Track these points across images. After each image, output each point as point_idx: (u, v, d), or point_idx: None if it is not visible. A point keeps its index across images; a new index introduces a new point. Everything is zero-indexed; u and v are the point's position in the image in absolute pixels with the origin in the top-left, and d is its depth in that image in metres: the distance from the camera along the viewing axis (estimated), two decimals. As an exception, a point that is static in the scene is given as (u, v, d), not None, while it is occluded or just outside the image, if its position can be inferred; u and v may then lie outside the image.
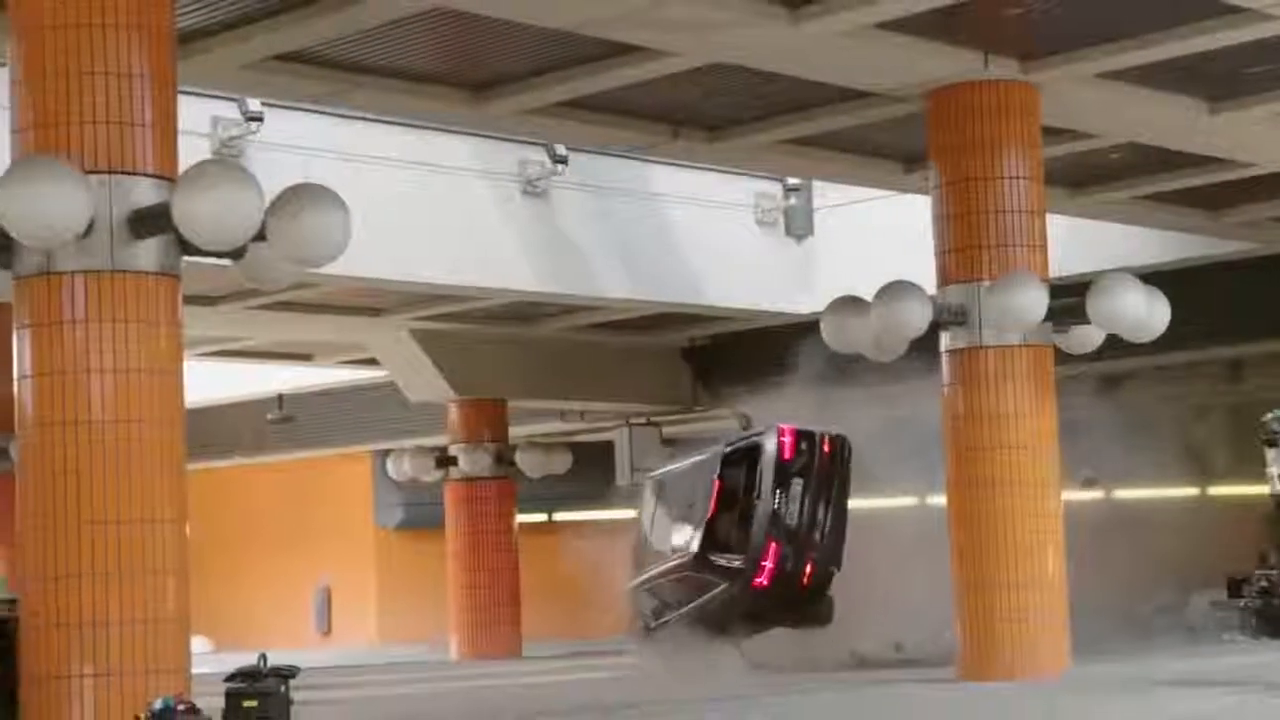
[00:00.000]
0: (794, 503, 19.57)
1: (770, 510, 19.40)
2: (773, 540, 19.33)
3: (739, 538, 19.45)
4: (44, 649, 11.96)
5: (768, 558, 19.24)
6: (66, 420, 12.06)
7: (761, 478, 19.34)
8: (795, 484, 19.67)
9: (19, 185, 11.81)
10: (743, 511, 19.41)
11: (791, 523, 19.47)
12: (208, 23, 15.17)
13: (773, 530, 19.36)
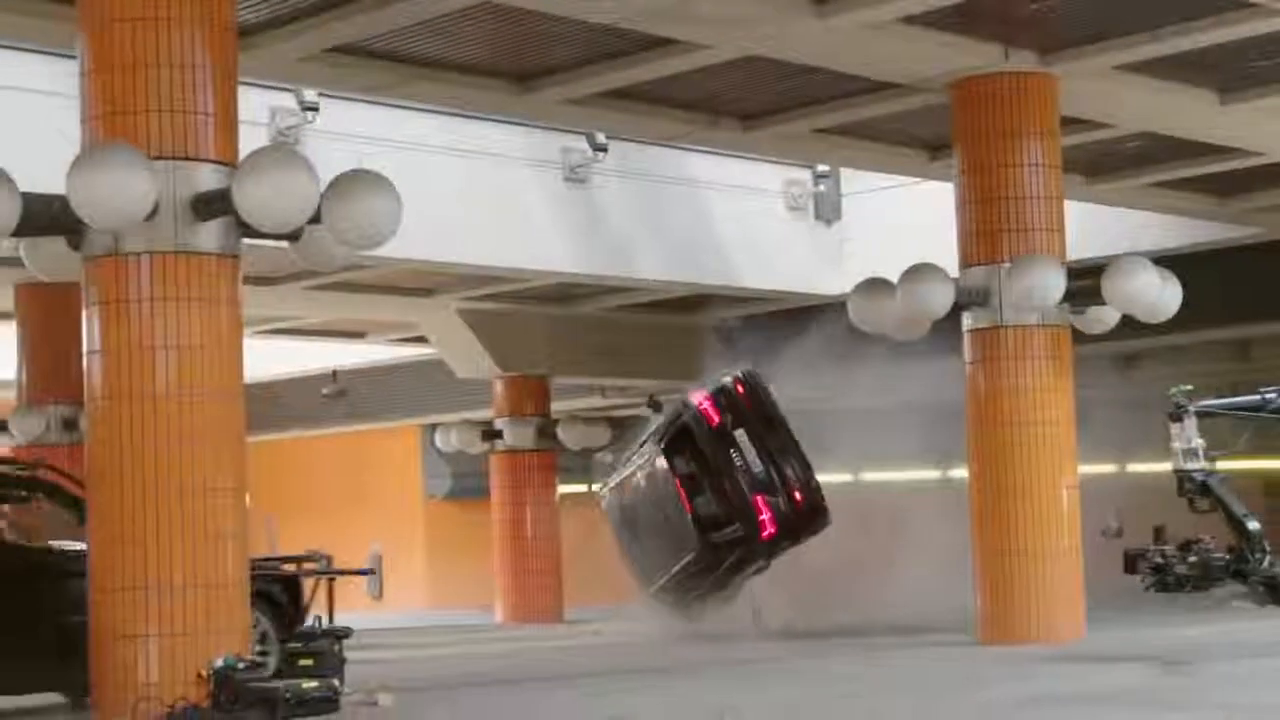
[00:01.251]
0: (749, 452, 19.31)
1: (735, 473, 19.14)
2: (754, 494, 19.14)
3: (725, 509, 19.22)
4: (114, 610, 12.03)
5: (761, 511, 19.09)
6: (133, 394, 12.11)
7: (708, 451, 19.00)
8: (738, 437, 19.41)
9: (89, 171, 11.87)
10: (713, 487, 19.15)
11: (758, 470, 19.21)
12: (267, 17, 15.20)
13: (749, 486, 19.15)
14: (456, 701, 13.14)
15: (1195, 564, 14.03)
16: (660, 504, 19.07)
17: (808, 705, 12.11)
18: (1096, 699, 11.92)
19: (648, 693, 13.55)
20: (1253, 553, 13.87)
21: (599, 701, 12.75)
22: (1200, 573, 14.06)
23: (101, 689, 12.08)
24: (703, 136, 19.79)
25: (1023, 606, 16.62)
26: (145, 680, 11.79)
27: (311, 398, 33.34)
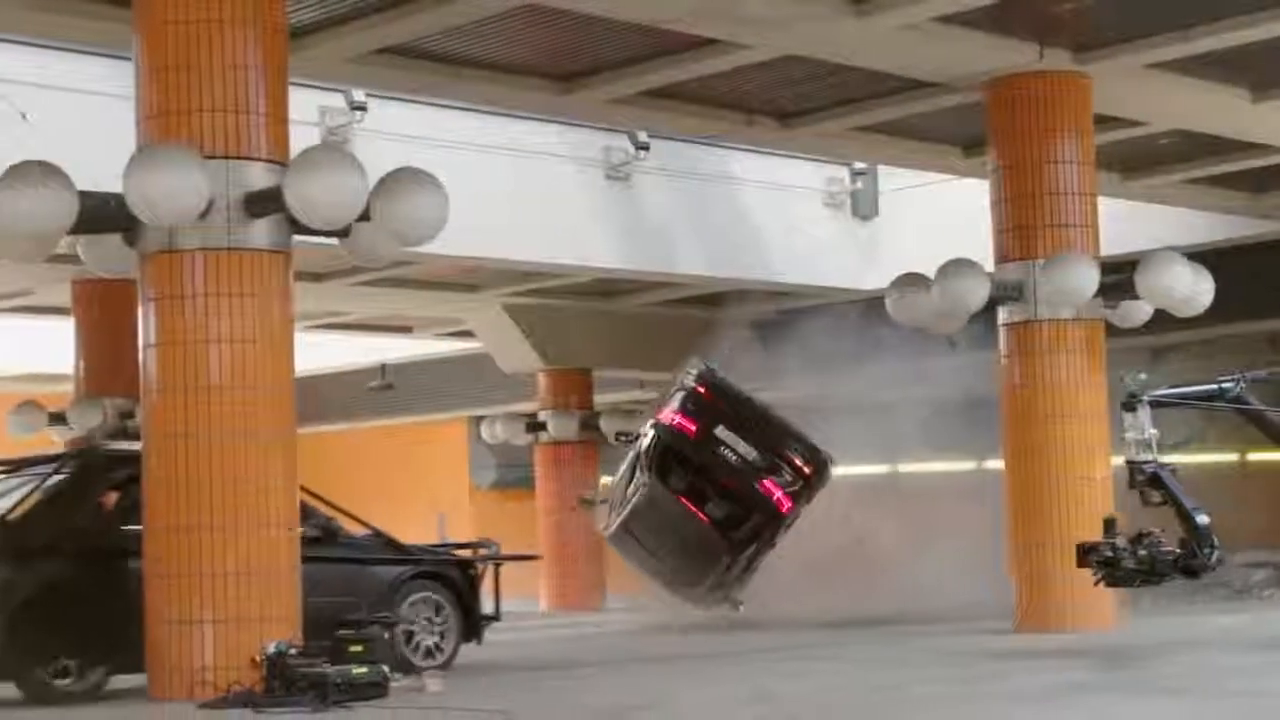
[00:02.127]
0: (737, 444, 19.04)
1: (732, 469, 18.88)
2: (759, 481, 18.95)
3: (738, 505, 18.90)
4: (170, 596, 12.08)
5: (772, 493, 18.93)
6: (187, 386, 12.17)
7: (697, 460, 18.48)
8: (721, 434, 19.18)
9: (144, 170, 11.92)
10: (718, 490, 18.82)
11: (754, 457, 18.99)
12: (317, 19, 15.23)
13: (751, 475, 18.97)
14: (512, 683, 13.16)
15: (1144, 558, 13.42)
16: (675, 526, 18.54)
17: (851, 691, 12.08)
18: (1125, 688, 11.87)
19: (692, 676, 13.54)
20: (1201, 547, 13.22)
21: (632, 684, 12.75)
22: (1148, 567, 13.42)
23: (158, 673, 12.13)
24: (742, 134, 19.76)
25: (1057, 596, 16.55)
26: (200, 665, 11.87)
27: (360, 391, 33.42)
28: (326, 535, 14.20)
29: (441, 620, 14.72)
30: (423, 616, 14.61)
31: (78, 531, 13.13)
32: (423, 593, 14.70)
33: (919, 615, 18.75)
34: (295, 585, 12.37)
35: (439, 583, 14.87)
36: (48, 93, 17.37)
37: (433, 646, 14.59)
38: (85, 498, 13.66)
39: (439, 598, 14.75)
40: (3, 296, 25.37)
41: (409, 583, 14.65)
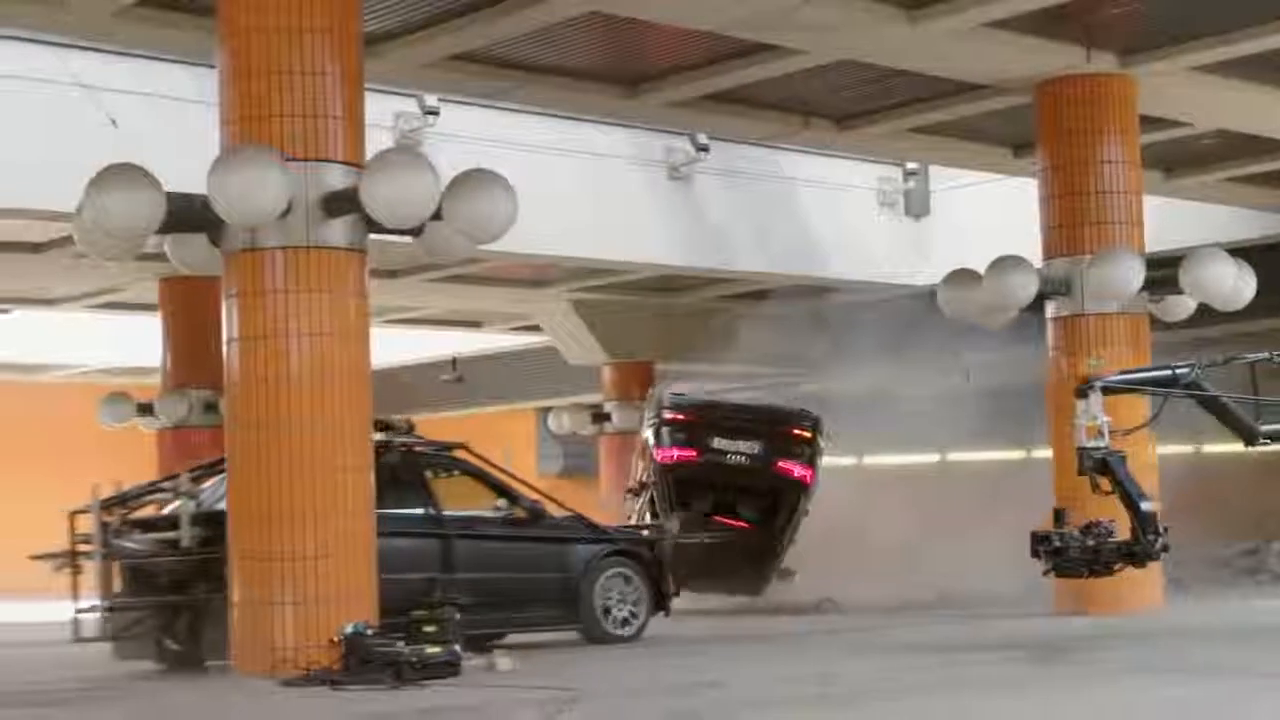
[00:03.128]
0: (738, 445, 19.00)
1: (748, 469, 18.80)
2: (774, 466, 18.86)
3: (768, 497, 18.80)
4: (252, 579, 12.15)
5: (791, 471, 18.84)
6: (268, 379, 12.22)
7: (709, 479, 18.51)
8: (721, 444, 19.08)
9: (228, 172, 11.98)
10: (742, 494, 18.71)
11: (758, 450, 18.92)
12: (391, 27, 15.28)
13: (766, 465, 18.89)
14: (581, 661, 13.17)
15: (1089, 547, 12.86)
16: (721, 548, 18.48)
17: (903, 671, 12.04)
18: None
19: (758, 660, 13.52)
20: (1145, 533, 12.66)
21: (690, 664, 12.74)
22: (1092, 556, 12.89)
23: (243, 652, 12.20)
24: (799, 136, 19.71)
25: (1098, 581, 16.41)
26: (282, 645, 11.91)
27: (433, 383, 33.51)
28: (533, 516, 15.09)
29: (633, 593, 15.39)
30: (616, 591, 15.34)
31: None
32: (617, 569, 15.41)
33: (964, 600, 18.67)
34: (371, 568, 12.41)
35: (631, 560, 15.59)
36: (136, 99, 17.50)
37: (626, 617, 15.32)
38: None
39: (631, 573, 15.46)
40: (94, 294, 25.58)
41: (605, 560, 15.39)
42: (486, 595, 14.20)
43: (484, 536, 14.77)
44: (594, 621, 15.14)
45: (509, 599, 14.64)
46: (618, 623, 15.28)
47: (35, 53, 17.06)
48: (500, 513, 15.11)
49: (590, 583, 15.14)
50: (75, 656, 13.54)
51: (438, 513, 14.49)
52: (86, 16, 14.46)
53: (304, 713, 10.05)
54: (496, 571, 14.58)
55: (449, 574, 14.04)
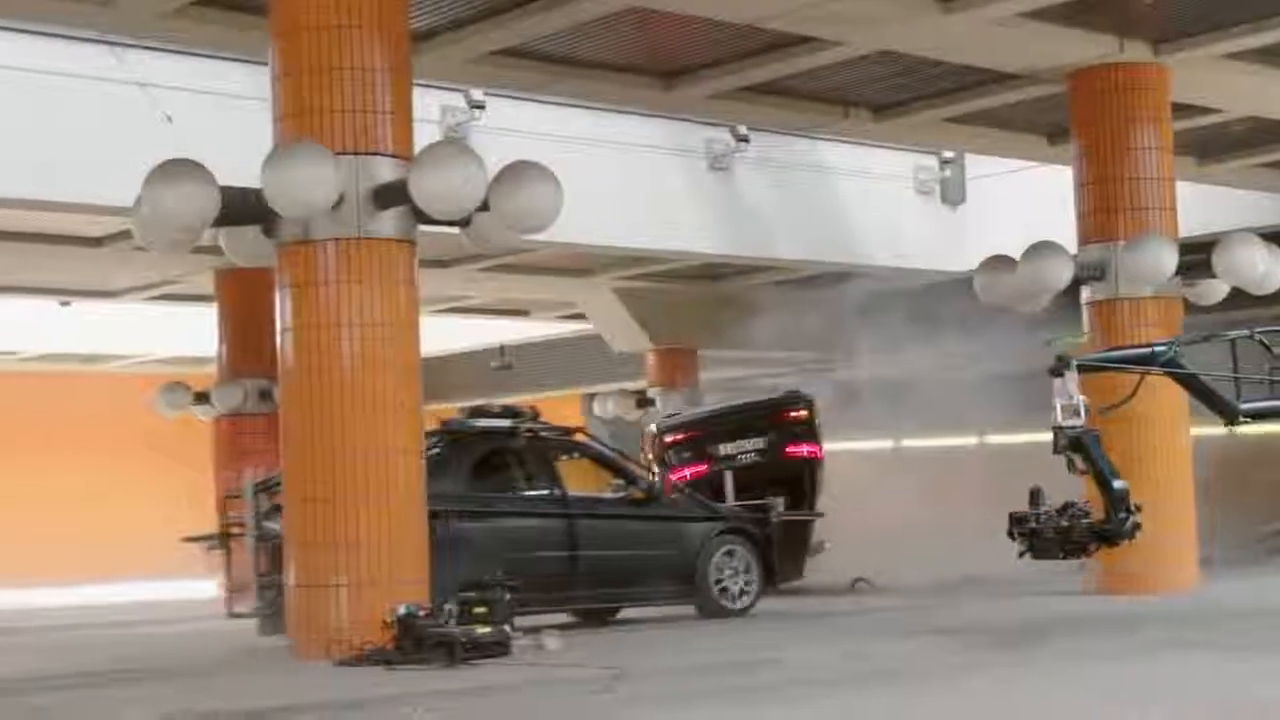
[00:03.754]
0: (744, 444, 19.01)
1: (760, 464, 18.76)
2: (783, 453, 18.87)
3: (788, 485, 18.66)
4: (306, 562, 12.20)
5: (800, 452, 18.87)
6: (321, 367, 12.27)
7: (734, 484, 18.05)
8: (726, 449, 19.05)
9: (281, 166, 12.02)
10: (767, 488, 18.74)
11: (762, 445, 18.95)
12: (438, 23, 15.31)
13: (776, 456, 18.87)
14: (627, 641, 13.18)
15: (1061, 527, 12.40)
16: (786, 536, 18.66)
17: (935, 651, 12.02)
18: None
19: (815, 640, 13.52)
20: (1116, 512, 12.26)
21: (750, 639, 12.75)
22: (1064, 536, 12.49)
23: (298, 634, 12.26)
24: (836, 127, 19.68)
25: (1129, 559, 16.38)
26: (336, 626, 11.96)
27: (482, 370, 33.56)
28: (650, 496, 15.63)
29: (745, 569, 15.85)
30: (729, 567, 15.79)
31: (452, 496, 14.21)
32: (730, 546, 15.87)
33: (996, 580, 18.60)
34: (423, 550, 12.46)
35: (742, 537, 16.02)
36: (190, 96, 17.56)
37: (739, 592, 15.78)
38: (457, 467, 14.68)
39: (743, 549, 15.92)
40: (151, 285, 25.72)
41: (718, 537, 15.84)
42: (609, 572, 14.96)
43: (606, 516, 15.31)
44: (709, 596, 15.60)
45: (630, 576, 15.19)
46: (731, 597, 15.73)
47: (93, 51, 17.14)
48: (619, 493, 15.61)
49: (705, 559, 15.62)
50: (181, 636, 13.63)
51: (563, 493, 15.11)
52: (136, 16, 14.53)
53: (359, 689, 10.09)
54: (618, 549, 15.13)
55: (574, 552, 14.75)
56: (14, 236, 21.32)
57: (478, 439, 15.11)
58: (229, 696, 10.08)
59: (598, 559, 14.87)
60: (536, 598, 14.22)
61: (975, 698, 9.12)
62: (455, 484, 14.48)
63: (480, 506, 14.55)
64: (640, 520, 15.41)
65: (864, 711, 8.70)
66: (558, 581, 14.67)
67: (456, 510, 14.19)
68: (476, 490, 14.72)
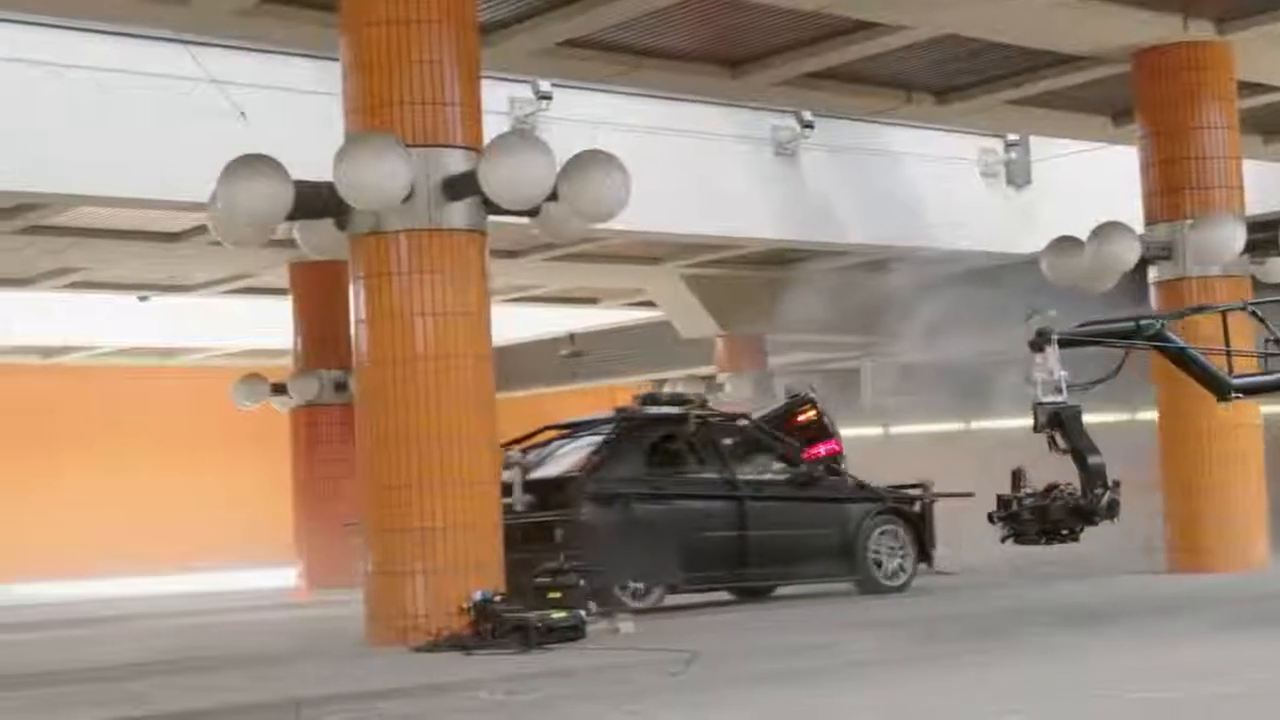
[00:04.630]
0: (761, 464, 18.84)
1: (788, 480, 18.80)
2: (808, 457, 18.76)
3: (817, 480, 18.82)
4: (384, 549, 12.24)
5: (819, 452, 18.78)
6: (395, 358, 12.30)
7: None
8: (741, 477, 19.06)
9: (352, 159, 12.06)
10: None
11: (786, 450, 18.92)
12: (505, 15, 15.31)
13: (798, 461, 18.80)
14: (697, 626, 13.17)
15: (1040, 508, 11.47)
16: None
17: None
18: None
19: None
20: (1091, 488, 11.45)
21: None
22: (1039, 516, 11.52)
23: (376, 621, 12.31)
24: (901, 111, 19.57)
25: (1207, 539, 16.26)
26: (413, 612, 12.00)
27: (552, 358, 33.62)
28: (811, 479, 16.00)
29: (901, 547, 16.23)
30: (887, 545, 16.15)
31: (630, 479, 14.98)
32: (887, 525, 16.24)
33: (1074, 560, 18.45)
34: (498, 537, 12.48)
35: (898, 517, 16.38)
36: (262, 91, 17.65)
37: (896, 569, 16.14)
38: (633, 451, 15.30)
39: (899, 529, 16.30)
40: (227, 280, 25.90)
41: (876, 517, 16.20)
42: (775, 551, 15.48)
43: (771, 498, 15.73)
44: (868, 574, 15.97)
45: (794, 555, 15.65)
46: (889, 574, 16.08)
47: (168, 50, 17.25)
48: (782, 476, 16.04)
49: (864, 538, 16.00)
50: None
51: (732, 476, 15.57)
52: (210, 14, 14.61)
53: (438, 673, 10.13)
54: (783, 529, 15.58)
55: (743, 532, 15.29)
56: (94, 233, 21.52)
57: (650, 425, 15.68)
58: (311, 682, 10.13)
59: (765, 539, 15.43)
60: (708, 576, 15.24)
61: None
62: (631, 468, 15.15)
63: (655, 489, 15.11)
64: (803, 502, 15.86)
65: (930, 690, 8.66)
66: (728, 560, 15.27)
67: (634, 493, 14.88)
68: (651, 474, 15.26)
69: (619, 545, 14.42)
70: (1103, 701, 7.94)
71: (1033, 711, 7.74)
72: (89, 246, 22.05)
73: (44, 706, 9.72)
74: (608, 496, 14.74)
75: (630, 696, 8.83)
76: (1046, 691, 8.47)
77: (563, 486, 14.68)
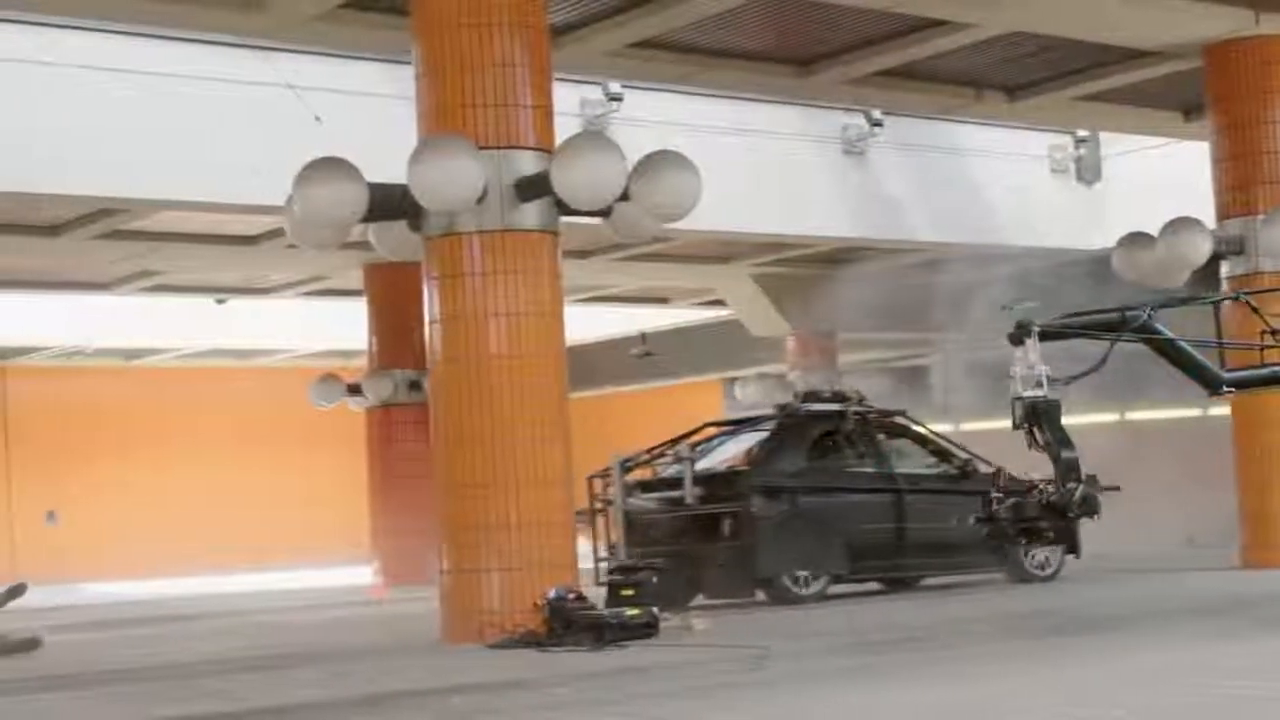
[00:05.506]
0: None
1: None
2: None
3: None
4: (460, 547, 12.27)
5: None
6: (469, 357, 12.32)
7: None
8: None
9: (426, 161, 12.09)
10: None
11: None
12: (575, 18, 15.31)
13: None
14: (764, 621, 13.14)
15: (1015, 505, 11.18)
16: None
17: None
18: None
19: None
20: (1064, 482, 11.01)
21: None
22: (1013, 515, 11.25)
23: (452, 618, 12.33)
24: (970, 108, 19.45)
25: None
26: (488, 609, 12.02)
27: (624, 357, 33.63)
28: (964, 473, 16.16)
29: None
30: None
31: (794, 473, 15.44)
32: None
33: (1145, 556, 18.33)
34: (572, 534, 12.48)
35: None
36: (337, 96, 17.72)
37: (1045, 560, 16.22)
38: (796, 446, 15.71)
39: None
40: (303, 281, 26.04)
41: None
42: (930, 542, 15.80)
43: (928, 490, 16.01)
44: (1018, 564, 16.05)
45: (948, 546, 15.84)
46: (1037, 564, 16.18)
47: (243, 56, 17.37)
48: (936, 469, 16.33)
49: None
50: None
51: (890, 470, 15.95)
52: (284, 20, 14.68)
53: (516, 669, 10.15)
54: (939, 521, 15.78)
55: (901, 524, 15.64)
56: (172, 237, 21.69)
57: (811, 421, 16.01)
58: (393, 678, 10.17)
59: (922, 530, 15.76)
60: (870, 566, 15.67)
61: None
62: (795, 463, 15.58)
63: (819, 483, 15.53)
64: (957, 495, 15.90)
65: (1020, 685, 8.60)
66: (887, 550, 15.66)
67: (800, 487, 15.34)
68: (813, 468, 15.68)
69: (787, 536, 14.95)
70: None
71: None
72: (168, 250, 22.22)
73: (125, 702, 9.80)
74: (775, 489, 15.19)
75: (704, 692, 8.82)
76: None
77: (732, 480, 15.17)
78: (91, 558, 31.78)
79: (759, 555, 14.81)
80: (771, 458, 15.56)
